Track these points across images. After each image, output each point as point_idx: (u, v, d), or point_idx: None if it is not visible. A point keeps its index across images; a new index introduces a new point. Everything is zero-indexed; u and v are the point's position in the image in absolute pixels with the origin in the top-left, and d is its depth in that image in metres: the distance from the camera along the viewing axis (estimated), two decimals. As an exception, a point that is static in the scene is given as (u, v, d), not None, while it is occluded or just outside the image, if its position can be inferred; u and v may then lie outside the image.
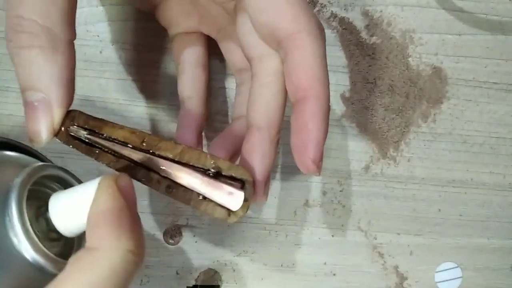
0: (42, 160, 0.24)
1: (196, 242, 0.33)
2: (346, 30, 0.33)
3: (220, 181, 0.22)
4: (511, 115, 0.34)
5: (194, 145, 0.27)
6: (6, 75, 0.32)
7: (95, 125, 0.22)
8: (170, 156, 0.22)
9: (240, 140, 0.24)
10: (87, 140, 0.22)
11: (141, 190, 0.33)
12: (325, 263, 0.34)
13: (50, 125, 0.21)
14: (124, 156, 0.22)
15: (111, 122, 0.23)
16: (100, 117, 0.23)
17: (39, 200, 0.21)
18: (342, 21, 0.33)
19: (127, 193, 0.19)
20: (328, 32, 0.33)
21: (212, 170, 0.22)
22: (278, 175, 0.34)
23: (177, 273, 0.33)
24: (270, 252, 0.34)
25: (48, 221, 0.20)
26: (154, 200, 0.33)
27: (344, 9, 0.33)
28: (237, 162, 0.25)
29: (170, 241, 0.33)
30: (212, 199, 0.21)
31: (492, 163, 0.34)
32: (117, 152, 0.22)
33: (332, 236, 0.34)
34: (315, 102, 0.22)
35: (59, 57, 0.20)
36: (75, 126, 0.22)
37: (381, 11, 0.34)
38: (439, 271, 0.34)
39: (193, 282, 0.33)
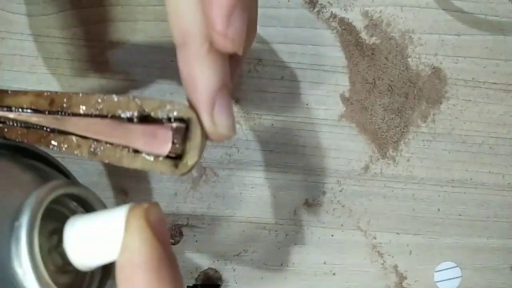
0: (61, 171, 0.21)
1: (196, 242, 0.33)
2: (346, 30, 0.33)
3: (143, 125, 0.18)
4: (510, 115, 0.35)
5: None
6: (6, 75, 0.33)
7: None
8: (85, 110, 0.18)
9: None
10: None
11: (141, 190, 0.33)
12: (324, 263, 0.34)
13: None
14: (34, 124, 0.19)
15: (13, 90, 0.19)
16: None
17: (53, 220, 0.18)
18: (342, 21, 0.33)
19: (161, 232, 0.16)
20: (327, 33, 0.33)
21: (135, 115, 0.18)
22: (278, 175, 0.34)
23: (177, 273, 0.33)
24: (270, 252, 0.34)
25: (62, 252, 0.17)
26: (154, 200, 0.33)
27: (344, 10, 0.34)
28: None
29: (170, 241, 0.33)
30: (138, 149, 0.18)
31: (491, 163, 0.35)
32: (25, 122, 0.19)
33: (332, 235, 0.34)
34: None
35: None
36: None
37: (380, 12, 0.34)
38: (438, 271, 0.35)
39: (193, 282, 0.33)
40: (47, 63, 0.33)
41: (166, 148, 0.18)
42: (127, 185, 0.33)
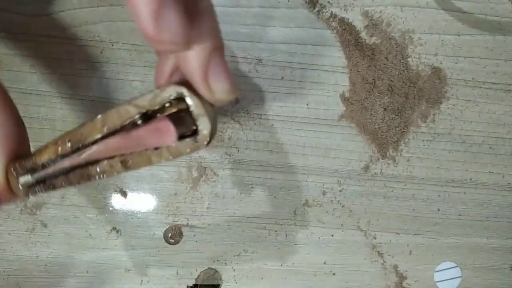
0: None
1: (196, 242, 0.33)
2: (346, 30, 0.33)
3: (145, 125, 0.19)
4: (510, 115, 0.35)
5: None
6: (6, 75, 0.33)
7: (29, 163, 0.20)
8: (99, 135, 0.19)
9: None
10: (38, 181, 0.20)
11: (141, 190, 0.33)
12: (324, 263, 0.34)
13: None
14: (69, 168, 0.20)
15: (36, 150, 0.21)
16: (26, 152, 0.21)
17: None
18: (342, 21, 0.33)
19: None
20: (327, 33, 0.33)
21: (137, 118, 0.19)
22: (278, 175, 0.34)
23: (177, 273, 0.33)
24: (270, 252, 0.34)
25: None
26: (154, 200, 0.33)
27: (344, 10, 0.34)
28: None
29: (171, 240, 0.33)
30: (156, 146, 0.19)
31: (491, 163, 0.35)
32: (62, 170, 0.20)
33: (332, 235, 0.34)
34: None
35: None
36: (19, 178, 0.20)
37: (380, 12, 0.34)
38: (438, 271, 0.35)
39: (193, 282, 0.33)
40: (47, 63, 0.33)
41: (172, 136, 0.18)
42: (127, 185, 0.33)
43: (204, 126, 0.19)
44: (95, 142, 0.19)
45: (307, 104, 0.34)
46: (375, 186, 0.34)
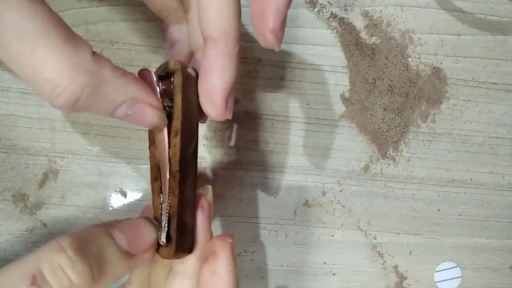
0: None
1: (196, 241, 0.33)
2: (346, 30, 0.33)
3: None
4: (510, 115, 0.35)
5: None
6: (6, 75, 0.33)
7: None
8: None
9: None
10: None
11: (141, 190, 0.33)
12: (324, 263, 0.34)
13: None
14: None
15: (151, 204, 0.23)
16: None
17: None
18: (342, 21, 0.33)
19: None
20: (327, 33, 0.33)
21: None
22: (278, 175, 0.34)
23: (177, 273, 0.33)
24: (270, 252, 0.34)
25: None
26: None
27: (344, 10, 0.34)
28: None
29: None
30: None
31: (491, 163, 0.35)
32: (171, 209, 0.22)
33: (332, 235, 0.34)
34: None
35: None
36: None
37: (380, 12, 0.34)
38: (438, 271, 0.35)
39: (193, 282, 0.33)
40: (47, 63, 0.33)
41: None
42: (127, 185, 0.33)
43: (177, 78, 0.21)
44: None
45: (307, 104, 0.34)
46: (375, 186, 0.34)
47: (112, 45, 0.33)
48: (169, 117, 0.22)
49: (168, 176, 0.21)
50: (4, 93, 0.33)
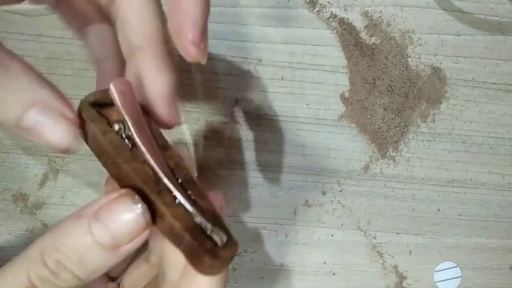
0: None
1: (196, 241, 0.33)
2: (346, 30, 0.33)
3: None
4: (510, 115, 0.35)
5: None
6: (6, 75, 0.33)
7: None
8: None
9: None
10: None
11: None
12: (324, 263, 0.34)
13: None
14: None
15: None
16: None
17: None
18: (342, 21, 0.33)
19: None
20: (327, 33, 0.34)
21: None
22: (278, 175, 0.34)
23: (177, 273, 0.33)
24: (270, 252, 0.34)
25: None
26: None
27: (344, 10, 0.34)
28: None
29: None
30: None
31: (491, 163, 0.35)
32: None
33: (332, 235, 0.34)
34: None
35: None
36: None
37: (380, 12, 0.34)
38: (438, 271, 0.35)
39: (193, 282, 0.33)
40: (47, 63, 0.33)
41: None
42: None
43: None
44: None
45: (307, 104, 0.34)
46: (375, 186, 0.34)
47: (112, 45, 0.33)
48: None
49: (176, 190, 0.19)
50: (4, 93, 0.33)
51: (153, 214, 0.18)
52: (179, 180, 0.19)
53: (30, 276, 0.17)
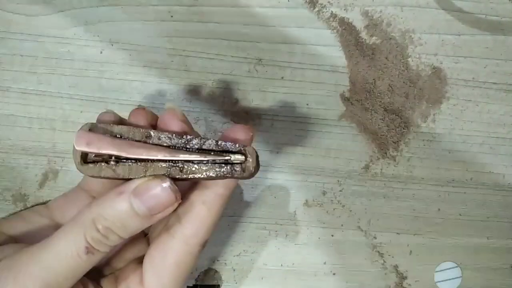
0: None
1: (196, 241, 0.33)
2: (346, 30, 0.33)
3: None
4: (511, 115, 0.35)
5: None
6: (6, 75, 0.33)
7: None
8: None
9: None
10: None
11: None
12: (324, 263, 0.34)
13: None
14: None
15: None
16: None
17: None
18: (342, 21, 0.33)
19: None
20: (327, 33, 0.33)
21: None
22: (278, 175, 0.34)
23: (177, 273, 0.33)
24: (270, 252, 0.34)
25: None
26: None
27: (344, 10, 0.34)
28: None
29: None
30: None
31: (491, 163, 0.35)
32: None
33: (332, 235, 0.34)
34: None
35: None
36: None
37: (380, 12, 0.34)
38: (438, 271, 0.35)
39: (193, 282, 0.33)
40: (47, 62, 0.33)
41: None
42: (127, 185, 0.33)
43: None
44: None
45: (307, 104, 0.34)
46: (375, 186, 0.34)
47: (112, 45, 0.33)
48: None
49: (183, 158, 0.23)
50: (4, 93, 0.33)
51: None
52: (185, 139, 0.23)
53: (86, 237, 0.22)
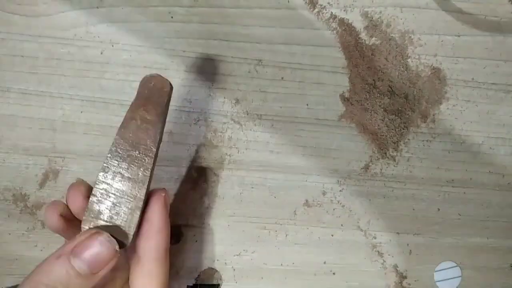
0: None
1: (196, 241, 0.33)
2: (346, 31, 0.33)
3: None
4: (510, 115, 0.35)
5: None
6: (7, 75, 0.33)
7: None
8: None
9: None
10: None
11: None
12: (324, 262, 0.34)
13: None
14: None
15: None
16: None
17: None
18: (342, 22, 0.33)
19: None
20: (327, 33, 0.34)
21: None
22: (278, 175, 0.34)
23: (177, 273, 0.33)
24: (270, 252, 0.34)
25: None
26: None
27: (344, 10, 0.34)
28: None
29: (171, 240, 0.33)
30: None
31: (491, 163, 0.35)
32: None
33: (332, 235, 0.34)
34: None
35: None
36: None
37: (380, 12, 0.34)
38: (438, 270, 0.35)
39: (193, 282, 0.33)
40: (47, 63, 0.33)
41: None
42: (127, 185, 0.33)
43: None
44: None
45: (307, 104, 0.34)
46: (375, 186, 0.34)
47: (113, 45, 0.33)
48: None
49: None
50: (5, 93, 0.33)
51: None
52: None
53: None
